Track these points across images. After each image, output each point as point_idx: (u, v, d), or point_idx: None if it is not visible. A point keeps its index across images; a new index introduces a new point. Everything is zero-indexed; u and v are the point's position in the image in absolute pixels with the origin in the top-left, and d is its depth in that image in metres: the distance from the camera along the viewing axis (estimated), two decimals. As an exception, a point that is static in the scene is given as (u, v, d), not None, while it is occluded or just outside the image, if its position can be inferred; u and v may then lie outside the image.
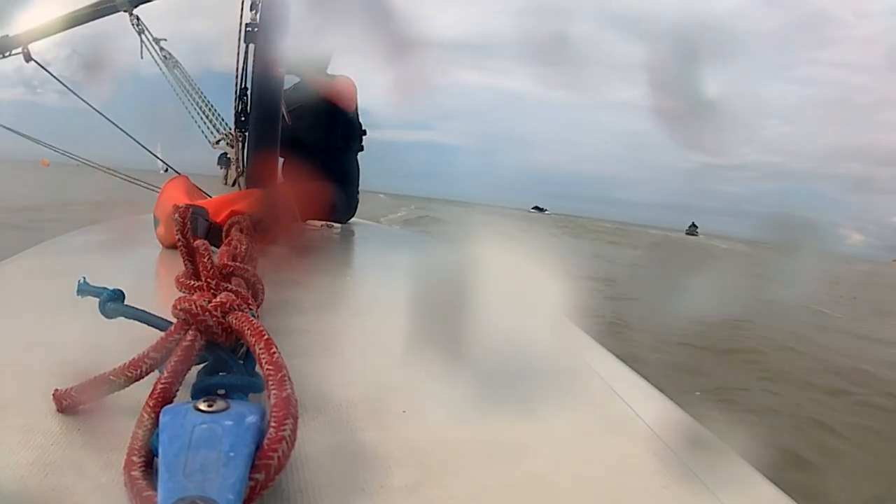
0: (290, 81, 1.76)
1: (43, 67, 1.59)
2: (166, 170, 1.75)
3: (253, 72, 1.50)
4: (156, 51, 1.62)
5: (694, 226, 39.32)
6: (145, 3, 1.56)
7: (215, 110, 1.65)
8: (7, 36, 1.60)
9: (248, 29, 1.50)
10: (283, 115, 1.50)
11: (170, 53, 1.63)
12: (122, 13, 1.55)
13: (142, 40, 1.60)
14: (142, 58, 1.60)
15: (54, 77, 1.59)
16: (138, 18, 1.58)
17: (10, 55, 1.61)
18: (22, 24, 1.60)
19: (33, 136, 1.66)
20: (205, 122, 1.63)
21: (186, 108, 1.64)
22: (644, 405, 0.52)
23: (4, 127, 1.63)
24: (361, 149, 2.16)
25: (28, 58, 1.59)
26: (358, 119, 2.10)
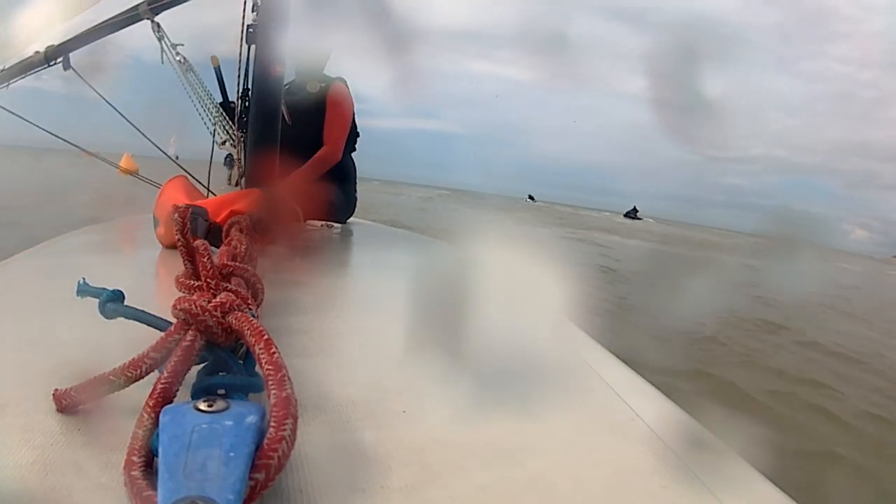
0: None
1: (80, 76, 1.67)
2: (177, 157, 1.83)
3: (253, 72, 1.50)
4: (173, 56, 1.67)
5: (634, 209, 39.34)
6: (165, 10, 1.62)
7: (223, 112, 1.69)
8: (52, 45, 1.67)
9: (249, 30, 1.51)
10: (283, 115, 1.50)
11: (184, 58, 1.68)
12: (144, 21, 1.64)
13: (162, 47, 1.65)
14: (161, 63, 1.67)
15: (91, 86, 1.67)
16: (159, 25, 1.65)
17: (54, 64, 1.69)
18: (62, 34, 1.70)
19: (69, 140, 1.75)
20: (213, 123, 1.67)
21: (196, 109, 1.68)
22: (644, 405, 0.52)
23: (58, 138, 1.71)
24: (354, 149, 2.17)
25: (67, 66, 1.67)
26: (354, 121, 2.11)
